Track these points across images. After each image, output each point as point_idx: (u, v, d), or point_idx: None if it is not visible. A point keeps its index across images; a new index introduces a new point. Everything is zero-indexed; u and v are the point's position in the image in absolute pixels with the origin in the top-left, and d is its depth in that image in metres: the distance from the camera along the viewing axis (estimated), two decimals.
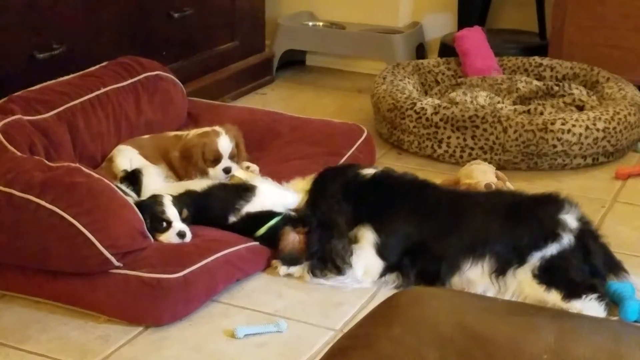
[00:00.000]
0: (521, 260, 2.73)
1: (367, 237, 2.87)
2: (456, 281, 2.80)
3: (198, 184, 3.09)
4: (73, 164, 2.85)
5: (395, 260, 2.85)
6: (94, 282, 2.65)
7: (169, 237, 2.83)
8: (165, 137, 3.44)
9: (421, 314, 1.54)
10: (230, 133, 3.31)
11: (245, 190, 3.02)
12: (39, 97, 3.21)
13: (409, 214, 2.90)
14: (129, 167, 3.18)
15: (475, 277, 2.77)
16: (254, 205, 2.98)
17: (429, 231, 2.85)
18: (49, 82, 3.34)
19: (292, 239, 2.89)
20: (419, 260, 2.84)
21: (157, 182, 3.15)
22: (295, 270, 2.88)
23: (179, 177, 3.28)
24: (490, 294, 2.74)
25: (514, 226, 2.79)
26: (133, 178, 3.13)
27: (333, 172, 3.09)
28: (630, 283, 2.75)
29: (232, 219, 2.97)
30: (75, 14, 3.70)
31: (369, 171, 3.05)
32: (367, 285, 2.86)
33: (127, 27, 3.99)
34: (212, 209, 2.99)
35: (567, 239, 2.74)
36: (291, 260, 2.88)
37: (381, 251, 2.86)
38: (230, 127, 3.35)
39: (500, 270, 2.74)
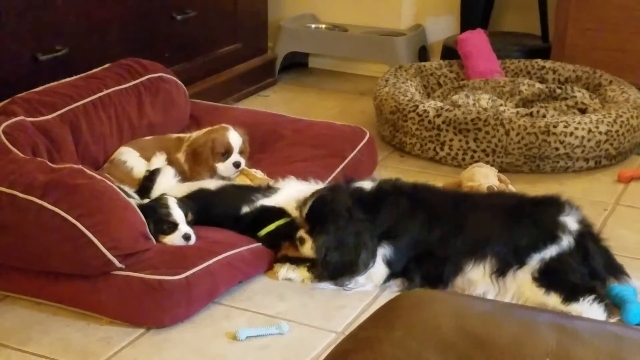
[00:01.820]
0: (521, 262, 2.74)
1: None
2: (458, 282, 2.80)
3: (212, 183, 3.12)
4: (75, 166, 2.86)
5: (400, 269, 2.86)
6: (96, 283, 2.66)
7: (173, 239, 2.83)
8: (168, 138, 3.45)
9: (422, 317, 1.54)
10: (239, 130, 3.33)
11: (269, 189, 3.05)
12: (42, 99, 3.21)
13: (420, 223, 2.88)
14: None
15: (477, 277, 2.77)
16: (270, 200, 3.00)
17: (435, 236, 2.85)
18: (51, 84, 3.35)
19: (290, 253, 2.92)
20: (424, 264, 2.84)
21: (170, 182, 3.17)
22: (294, 275, 2.88)
23: (184, 178, 3.28)
24: (490, 295, 2.75)
25: (515, 227, 2.80)
26: (150, 177, 3.17)
27: (334, 192, 2.97)
28: (632, 286, 2.75)
29: (246, 209, 2.98)
30: (78, 16, 3.71)
31: (367, 185, 2.98)
32: (370, 288, 2.86)
33: (129, 29, 4.00)
34: (226, 200, 3.01)
35: (566, 241, 2.74)
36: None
37: (389, 262, 2.86)
38: (237, 128, 3.36)
39: (500, 271, 2.75)
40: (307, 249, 2.87)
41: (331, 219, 2.83)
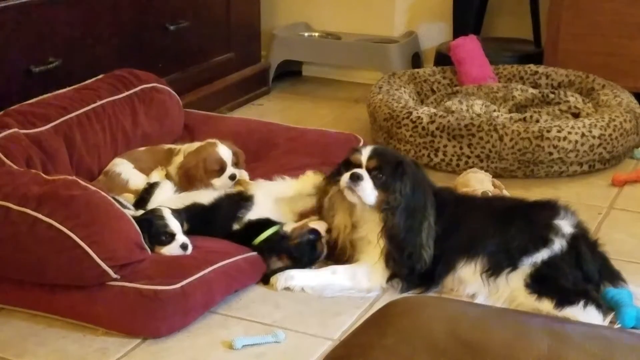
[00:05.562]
0: (513, 265, 2.74)
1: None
2: (449, 281, 2.82)
3: (205, 196, 3.12)
4: (70, 177, 2.86)
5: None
6: (92, 294, 2.66)
7: (171, 249, 2.84)
8: (161, 150, 3.44)
9: (415, 322, 1.54)
10: (226, 143, 3.32)
11: (244, 200, 3.06)
12: (36, 111, 3.22)
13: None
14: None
15: (467, 276, 2.78)
16: (254, 214, 3.02)
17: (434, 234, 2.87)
18: (45, 96, 3.35)
19: (276, 265, 2.93)
20: None
21: (168, 195, 3.17)
22: (293, 284, 2.87)
23: (181, 190, 3.27)
24: (482, 295, 2.76)
25: (508, 228, 2.81)
26: (149, 189, 3.18)
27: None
28: (627, 290, 2.76)
29: (236, 226, 3.00)
30: (71, 27, 3.71)
31: None
32: (373, 294, 2.86)
33: (123, 39, 4.00)
34: (218, 219, 3.03)
35: (558, 245, 2.75)
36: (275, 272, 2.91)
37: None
38: (222, 140, 3.34)
39: (491, 271, 2.75)
40: (364, 190, 2.83)
41: (409, 172, 2.84)
